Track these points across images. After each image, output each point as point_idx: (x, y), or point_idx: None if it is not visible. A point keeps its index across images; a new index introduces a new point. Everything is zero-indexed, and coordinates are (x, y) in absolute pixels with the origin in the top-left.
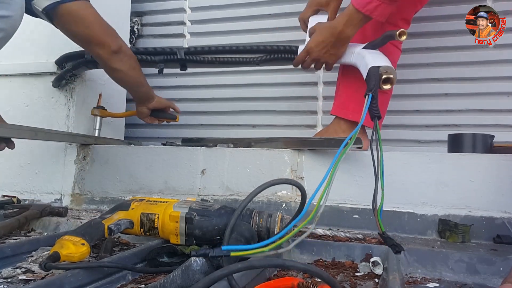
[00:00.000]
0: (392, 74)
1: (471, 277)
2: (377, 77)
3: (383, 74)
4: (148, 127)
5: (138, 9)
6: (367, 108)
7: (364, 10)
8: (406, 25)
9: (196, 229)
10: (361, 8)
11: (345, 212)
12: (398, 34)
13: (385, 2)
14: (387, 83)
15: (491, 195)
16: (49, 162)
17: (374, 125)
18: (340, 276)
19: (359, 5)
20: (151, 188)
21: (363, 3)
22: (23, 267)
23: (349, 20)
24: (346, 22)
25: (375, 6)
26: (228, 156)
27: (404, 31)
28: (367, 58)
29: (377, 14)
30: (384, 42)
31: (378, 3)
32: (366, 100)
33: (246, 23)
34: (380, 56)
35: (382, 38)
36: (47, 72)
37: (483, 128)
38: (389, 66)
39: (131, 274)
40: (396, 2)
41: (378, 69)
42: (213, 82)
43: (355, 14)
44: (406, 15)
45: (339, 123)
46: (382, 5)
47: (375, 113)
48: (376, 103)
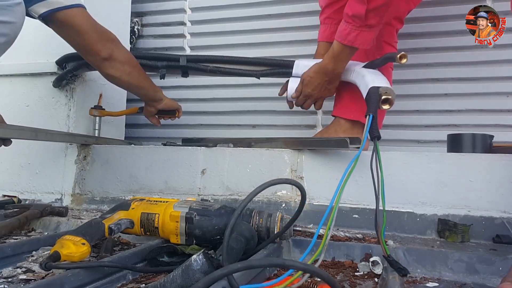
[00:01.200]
0: (391, 95)
1: (471, 276)
2: (377, 98)
3: (383, 95)
4: (149, 127)
5: (138, 10)
6: (368, 129)
7: (346, 42)
8: (399, 24)
9: (196, 228)
10: (343, 41)
11: (345, 212)
12: (399, 57)
13: (363, 30)
14: (386, 104)
15: (491, 195)
16: (50, 162)
17: (374, 145)
18: (339, 276)
19: (340, 38)
20: (151, 188)
21: (343, 35)
22: (23, 267)
23: (336, 56)
24: (334, 59)
25: (355, 35)
26: (228, 156)
27: (405, 54)
28: (367, 78)
29: (359, 43)
30: (384, 62)
31: (357, 32)
32: (367, 120)
33: (246, 24)
34: (379, 76)
35: (382, 59)
36: (48, 72)
37: (483, 128)
38: (389, 87)
39: (132, 273)
40: (377, 27)
41: (378, 89)
42: (213, 82)
43: (340, 48)
44: (399, 14)
45: (339, 123)
46: (361, 34)
47: (375, 133)
48: (376, 124)
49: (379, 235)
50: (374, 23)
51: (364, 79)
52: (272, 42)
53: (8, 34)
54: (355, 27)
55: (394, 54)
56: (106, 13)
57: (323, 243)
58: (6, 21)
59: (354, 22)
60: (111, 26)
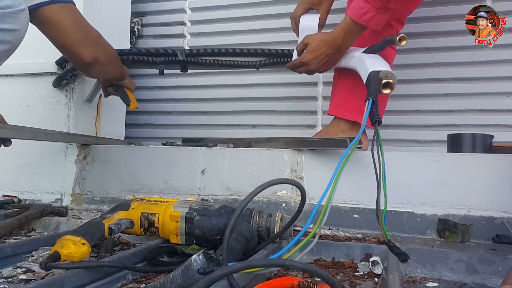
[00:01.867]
0: (392, 79)
1: (471, 276)
2: (377, 82)
3: (383, 79)
4: (148, 127)
5: (138, 10)
6: (367, 113)
7: (360, 20)
8: (400, 25)
9: (196, 228)
10: (358, 19)
11: (345, 211)
12: (398, 39)
13: (380, 11)
14: (387, 88)
15: (491, 195)
16: (50, 162)
17: (375, 130)
18: (339, 276)
19: (355, 16)
20: (151, 188)
21: (358, 14)
22: (23, 267)
23: (348, 32)
24: (345, 34)
25: (371, 16)
26: (228, 156)
27: (404, 36)
28: (367, 63)
29: (373, 24)
30: (384, 46)
31: (374, 13)
32: (367, 105)
33: (246, 24)
34: (380, 60)
35: (382, 43)
36: (48, 72)
37: (483, 128)
38: (389, 71)
39: (132, 273)
40: (391, 10)
41: (378, 73)
42: (213, 82)
43: (353, 25)
44: (400, 16)
45: (339, 123)
46: (378, 15)
47: (376, 118)
48: (376, 108)
49: (379, 220)
50: (394, 6)
51: (364, 64)
52: (272, 42)
53: (11, 41)
54: (374, 8)
55: (394, 37)
56: (106, 13)
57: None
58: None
59: (374, 3)
60: (111, 26)
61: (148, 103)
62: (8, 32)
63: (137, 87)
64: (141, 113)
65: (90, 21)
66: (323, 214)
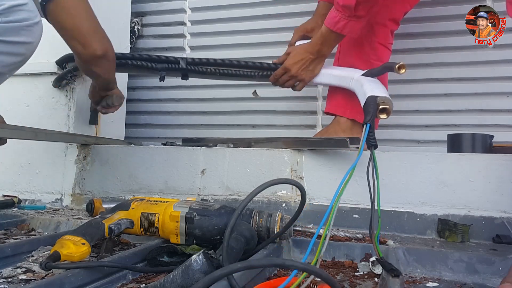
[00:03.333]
0: (389, 105)
1: (471, 276)
2: (374, 107)
3: (380, 105)
4: (148, 127)
5: (138, 10)
6: (365, 138)
7: (335, 28)
8: (395, 25)
9: (196, 228)
10: (332, 27)
11: (345, 211)
12: (398, 67)
13: (351, 19)
14: (384, 113)
15: (491, 195)
16: (50, 162)
17: (371, 154)
18: (339, 276)
19: (330, 24)
20: (151, 188)
21: (332, 22)
22: (23, 267)
23: (324, 39)
24: (322, 41)
25: (344, 24)
26: (228, 156)
27: (404, 65)
28: (365, 87)
29: (347, 31)
30: (383, 72)
31: (346, 21)
32: (364, 129)
33: (246, 24)
34: (378, 85)
35: (381, 68)
36: (48, 72)
37: (483, 128)
38: (386, 97)
39: (132, 273)
40: (365, 17)
41: (376, 99)
42: (213, 82)
43: (328, 33)
44: (395, 16)
45: (339, 123)
46: (350, 23)
47: (372, 142)
48: (373, 132)
49: (373, 239)
50: (363, 14)
51: (363, 88)
52: (272, 42)
53: (24, 53)
54: (344, 16)
55: (393, 64)
56: (106, 13)
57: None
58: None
59: (344, 12)
60: (111, 26)
61: (148, 103)
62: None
63: (137, 87)
64: (141, 113)
65: None
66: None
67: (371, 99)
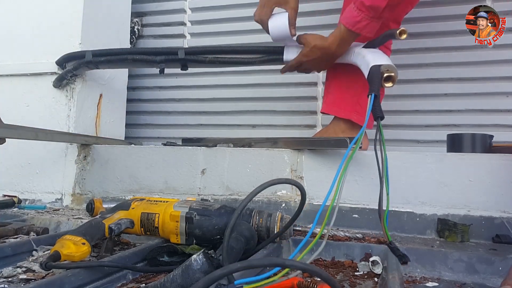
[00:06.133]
0: (394, 72)
1: (470, 276)
2: (379, 76)
3: (385, 73)
4: (148, 127)
5: (138, 10)
6: (370, 108)
7: (354, 28)
8: (397, 25)
9: (196, 228)
10: (352, 27)
11: (345, 211)
12: (399, 33)
13: (374, 20)
14: (389, 81)
15: (490, 195)
16: (50, 162)
17: (378, 125)
18: (339, 276)
19: (349, 24)
20: (151, 187)
21: (352, 22)
22: (23, 267)
23: (342, 40)
24: (339, 42)
25: (365, 24)
26: (228, 156)
27: (405, 29)
28: (367, 57)
29: (366, 31)
30: (384, 41)
31: (368, 21)
32: (369, 99)
33: (246, 24)
34: (380, 54)
35: (382, 37)
36: (48, 72)
37: (482, 128)
38: (390, 64)
39: (132, 273)
40: (384, 18)
41: (380, 67)
42: (213, 82)
43: (346, 33)
44: (397, 16)
45: (338, 123)
46: (371, 23)
47: (378, 113)
48: (379, 103)
49: (381, 219)
50: (387, 15)
51: (365, 59)
52: (272, 42)
53: None
54: (367, 17)
55: (394, 30)
56: (106, 13)
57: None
58: None
59: (368, 12)
60: (111, 26)
61: (148, 103)
62: None
63: (137, 87)
64: (141, 113)
65: (91, 20)
66: (328, 216)
67: (375, 68)
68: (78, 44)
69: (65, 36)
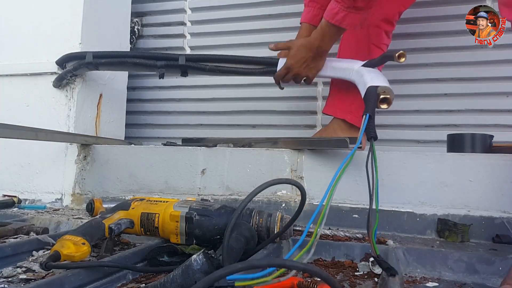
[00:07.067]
0: (390, 95)
1: (470, 276)
2: (375, 97)
3: (381, 94)
4: (148, 127)
5: (138, 10)
6: (364, 129)
7: (333, 21)
8: (389, 26)
9: (196, 228)
10: (331, 20)
11: (345, 211)
12: (397, 55)
13: (351, 11)
14: (385, 103)
15: (490, 195)
16: (50, 162)
17: (370, 145)
18: (339, 276)
19: (329, 17)
20: (151, 187)
21: (331, 14)
22: (23, 267)
23: (323, 34)
24: (321, 36)
25: (343, 16)
26: (228, 156)
27: (404, 53)
28: (365, 77)
29: (346, 24)
30: (383, 62)
31: (345, 12)
32: (363, 120)
33: (246, 24)
34: (378, 75)
35: (381, 58)
36: (48, 72)
37: (483, 128)
38: (387, 87)
39: (132, 273)
40: (365, 10)
41: (376, 89)
42: (213, 82)
43: (327, 27)
44: (388, 16)
45: (338, 122)
46: (349, 15)
47: (372, 134)
48: (373, 124)
49: (370, 235)
50: (362, 5)
51: (363, 78)
52: (272, 42)
53: None
54: (343, 8)
55: (393, 52)
56: (106, 13)
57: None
58: None
59: (343, 3)
60: (111, 26)
61: (148, 103)
62: None
63: (137, 87)
64: (141, 113)
65: (91, 20)
66: (323, 216)
67: (372, 89)
68: (78, 44)
69: (65, 36)
